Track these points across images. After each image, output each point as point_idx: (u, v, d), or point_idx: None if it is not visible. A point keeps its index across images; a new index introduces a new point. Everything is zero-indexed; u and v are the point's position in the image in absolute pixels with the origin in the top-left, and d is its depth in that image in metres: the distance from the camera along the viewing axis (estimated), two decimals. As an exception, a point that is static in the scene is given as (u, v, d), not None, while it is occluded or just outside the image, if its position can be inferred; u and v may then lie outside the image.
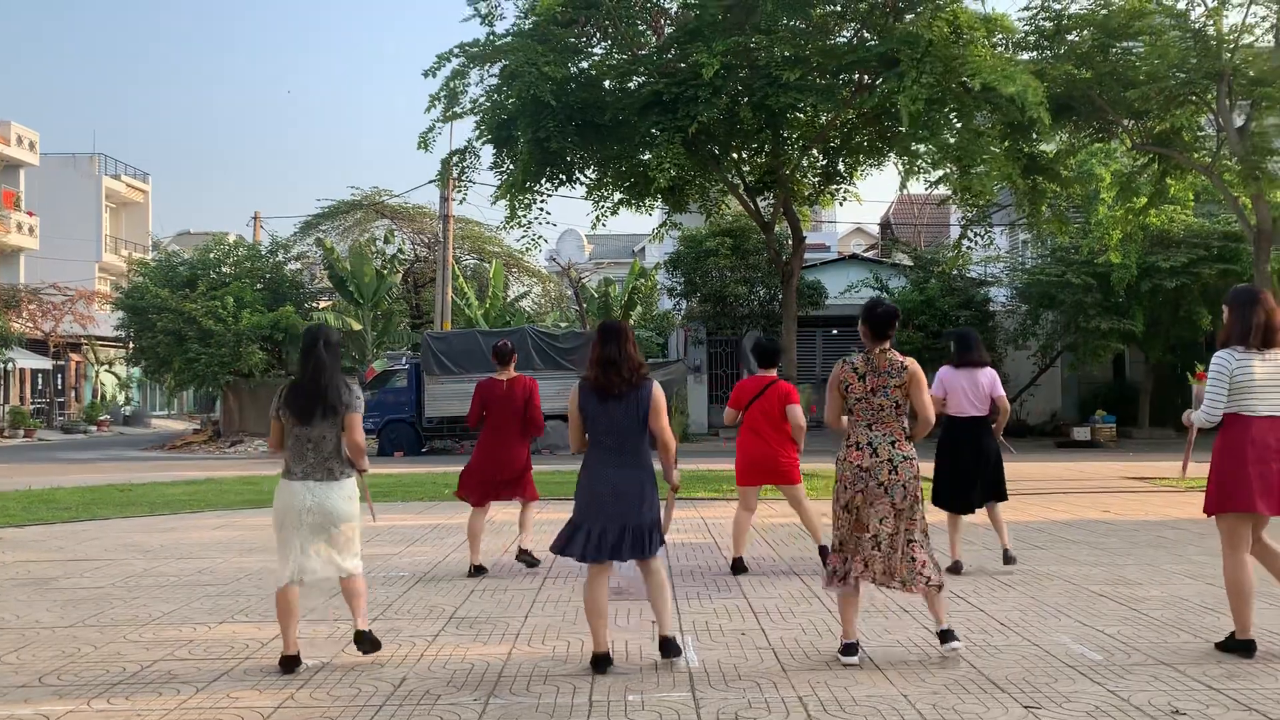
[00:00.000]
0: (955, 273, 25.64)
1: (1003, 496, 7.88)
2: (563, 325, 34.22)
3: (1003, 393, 7.78)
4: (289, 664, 5.26)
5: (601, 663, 5.20)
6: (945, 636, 5.30)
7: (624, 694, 4.82)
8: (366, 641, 5.39)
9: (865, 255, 34.16)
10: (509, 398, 7.82)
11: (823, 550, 7.70)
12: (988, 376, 7.67)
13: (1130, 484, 14.37)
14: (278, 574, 5.36)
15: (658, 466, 5.40)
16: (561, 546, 5.31)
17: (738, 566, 7.82)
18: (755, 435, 7.77)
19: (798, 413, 7.71)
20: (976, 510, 7.82)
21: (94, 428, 37.28)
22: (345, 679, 5.13)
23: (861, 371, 5.37)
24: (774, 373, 7.88)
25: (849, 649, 5.29)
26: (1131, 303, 22.48)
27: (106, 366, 43.28)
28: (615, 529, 5.19)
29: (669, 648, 5.26)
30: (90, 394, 42.99)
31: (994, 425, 7.77)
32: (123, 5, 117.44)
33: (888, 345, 5.41)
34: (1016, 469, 10.54)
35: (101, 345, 41.23)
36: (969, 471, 7.64)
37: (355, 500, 5.43)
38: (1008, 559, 7.75)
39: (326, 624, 6.25)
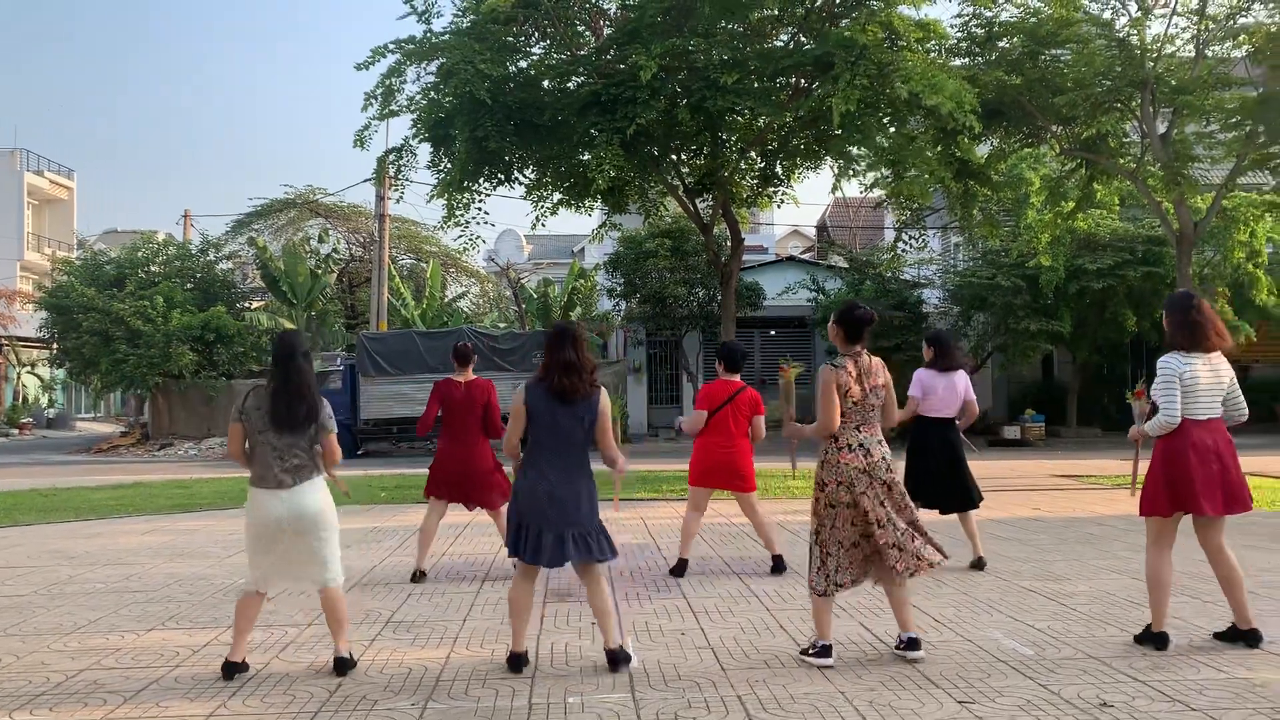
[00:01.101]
0: (890, 275, 26.03)
1: (975, 503, 7.98)
2: (501, 326, 34.04)
3: (973, 396, 8.03)
4: (230, 670, 5.19)
5: (518, 662, 5.18)
6: (913, 644, 5.28)
7: (564, 696, 4.81)
8: (348, 665, 5.25)
9: (802, 257, 34.47)
10: (468, 400, 7.66)
11: (777, 559, 7.75)
12: (963, 380, 7.93)
13: (1059, 482, 14.70)
14: (247, 580, 5.36)
15: (598, 467, 5.38)
16: (510, 547, 5.27)
17: (680, 568, 7.72)
18: (719, 439, 7.65)
19: (761, 425, 7.73)
20: (946, 514, 7.97)
21: (15, 431, 36.18)
22: (279, 685, 5.05)
23: (856, 374, 5.29)
24: (738, 378, 7.82)
25: (826, 651, 5.25)
26: (1059, 304, 23.00)
27: (29, 368, 42.03)
28: (552, 534, 5.10)
29: (616, 659, 5.18)
30: (11, 396, 41.68)
31: (958, 423, 7.98)
32: (43, 1, 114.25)
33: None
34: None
35: (23, 346, 40.06)
36: (942, 471, 7.81)
37: (328, 494, 5.35)
38: (978, 564, 7.82)
39: (260, 629, 6.14)
